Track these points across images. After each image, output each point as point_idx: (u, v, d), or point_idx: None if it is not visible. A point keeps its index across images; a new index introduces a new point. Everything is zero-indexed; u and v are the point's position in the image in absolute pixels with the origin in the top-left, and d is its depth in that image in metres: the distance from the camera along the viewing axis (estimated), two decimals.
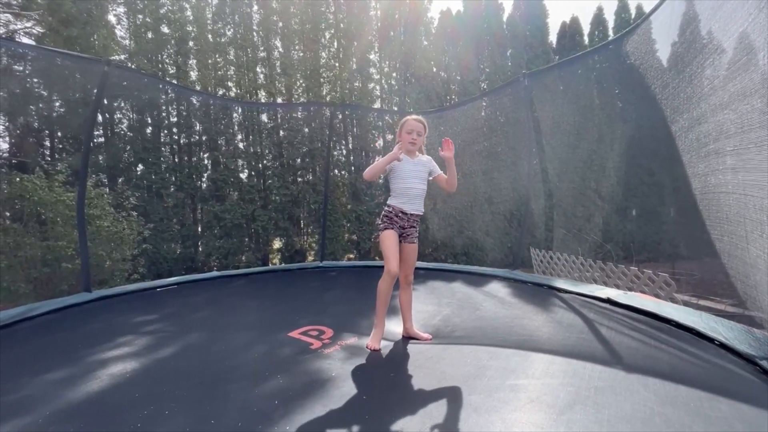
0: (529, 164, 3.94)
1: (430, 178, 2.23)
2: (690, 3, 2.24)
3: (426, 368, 1.73)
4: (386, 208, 2.16)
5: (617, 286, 4.54)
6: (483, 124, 9.48)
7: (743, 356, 1.65)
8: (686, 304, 3.74)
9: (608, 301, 2.55)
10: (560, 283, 3.07)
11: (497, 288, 3.23)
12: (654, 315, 2.22)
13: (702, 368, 1.60)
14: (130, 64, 8.16)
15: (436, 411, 1.35)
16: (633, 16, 12.43)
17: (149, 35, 8.48)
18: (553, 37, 12.31)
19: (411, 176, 2.14)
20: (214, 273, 4.21)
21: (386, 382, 1.63)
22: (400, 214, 2.14)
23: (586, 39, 12.29)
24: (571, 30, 12.15)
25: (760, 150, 1.11)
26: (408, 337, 2.16)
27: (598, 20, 12.38)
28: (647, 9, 2.63)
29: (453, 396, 1.46)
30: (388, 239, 2.08)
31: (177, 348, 2.07)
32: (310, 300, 3.12)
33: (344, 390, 1.52)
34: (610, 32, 12.31)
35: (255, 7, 9.62)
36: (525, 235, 4.98)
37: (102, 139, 8.12)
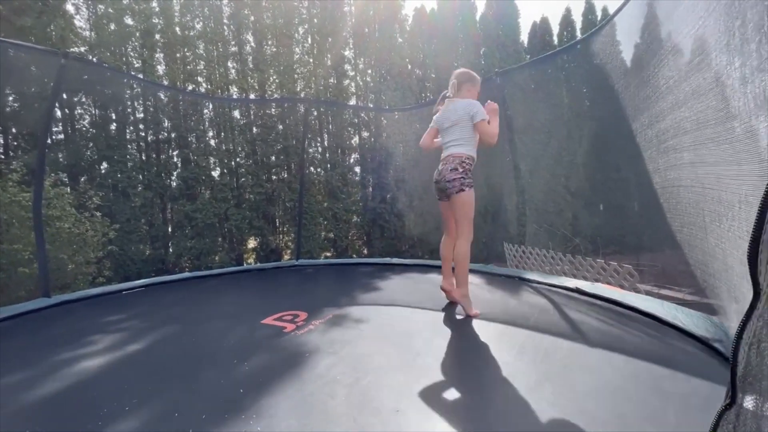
0: (502, 161, 4.04)
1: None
2: (651, 5, 2.34)
3: (401, 346, 1.75)
4: (469, 162, 2.06)
5: (585, 278, 4.73)
6: None
7: (700, 340, 1.76)
8: (648, 293, 3.94)
9: (576, 290, 2.65)
10: (531, 275, 3.17)
11: (472, 279, 3.30)
12: (618, 303, 2.33)
13: (662, 350, 1.69)
14: (91, 57, 7.75)
15: (410, 388, 1.38)
16: (599, 17, 12.89)
17: (112, 27, 8.07)
18: (524, 37, 12.60)
19: None
20: (186, 274, 4.08)
21: (362, 360, 1.64)
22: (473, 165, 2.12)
23: (555, 39, 12.65)
24: (541, 30, 12.47)
25: (717, 145, 1.18)
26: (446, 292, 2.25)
27: (567, 21, 12.76)
28: (613, 11, 2.73)
29: (428, 373, 1.49)
30: (473, 199, 2.03)
31: (142, 345, 2.00)
32: (285, 293, 3.10)
33: (318, 371, 1.52)
34: (578, 33, 12.72)
35: (225, 0, 9.34)
36: (498, 230, 5.09)
37: (62, 136, 7.68)
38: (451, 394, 1.34)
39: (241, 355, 1.71)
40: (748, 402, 0.52)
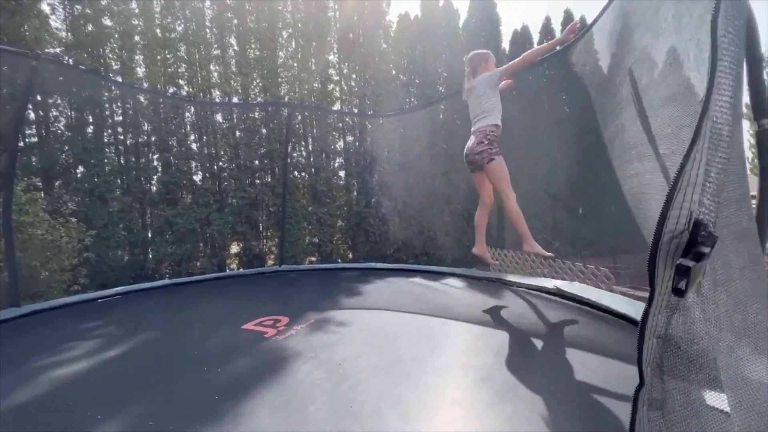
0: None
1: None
2: (626, 17, 2.44)
3: (381, 350, 1.76)
4: (493, 131, 2.16)
5: (564, 280, 4.83)
6: (441, 126, 9.74)
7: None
8: (624, 294, 4.05)
9: (556, 290, 2.72)
10: (512, 278, 3.23)
11: (454, 283, 3.34)
12: (594, 304, 2.40)
13: (632, 349, 1.75)
14: (67, 58, 7.54)
15: (390, 391, 1.39)
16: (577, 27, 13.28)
17: (89, 27, 7.88)
18: (506, 44, 12.88)
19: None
20: (165, 281, 3.99)
21: (342, 364, 1.64)
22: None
23: (535, 46, 12.97)
24: (522, 38, 12.77)
25: (673, 156, 1.24)
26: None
27: (547, 29, 13.10)
28: (591, 20, 2.84)
29: (406, 376, 1.51)
30: (504, 164, 2.15)
31: (117, 353, 1.95)
32: (267, 299, 3.07)
33: (298, 376, 1.51)
34: None
35: (207, 3, 9.24)
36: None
37: (35, 139, 7.43)
38: (431, 397, 1.36)
39: (220, 361, 1.69)
40: (655, 380, 0.60)
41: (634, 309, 2.27)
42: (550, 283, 2.87)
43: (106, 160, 7.94)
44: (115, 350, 1.96)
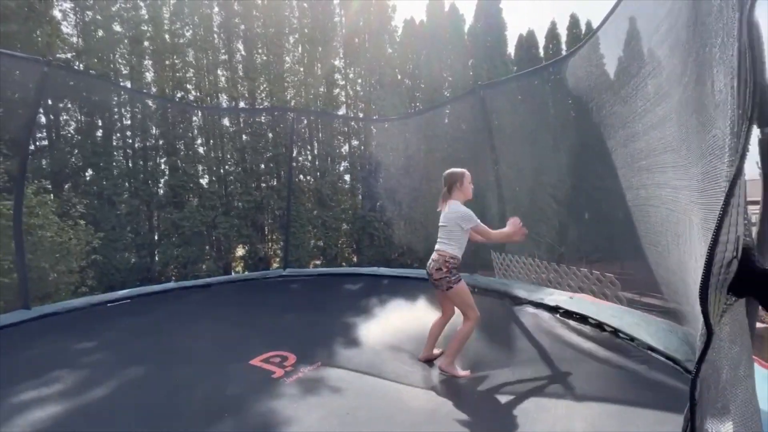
0: (486, 170, 4.12)
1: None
2: (633, 21, 2.43)
3: (389, 397, 1.72)
4: (453, 261, 2.20)
5: (569, 286, 4.80)
6: (446, 131, 9.74)
7: (669, 358, 1.80)
8: (631, 300, 4.02)
9: (556, 309, 2.68)
10: (515, 289, 3.20)
11: None
12: (595, 323, 2.37)
13: (631, 375, 1.71)
14: (78, 63, 7.67)
15: None
16: (584, 31, 13.24)
17: (100, 33, 8.02)
18: (511, 49, 12.87)
19: None
20: (171, 284, 4.03)
21: (351, 414, 1.61)
22: (459, 262, 2.25)
23: (541, 51, 12.94)
24: (527, 43, 12.76)
25: (675, 171, 1.24)
26: (427, 361, 2.26)
27: (552, 34, 13.08)
28: (596, 25, 2.82)
29: (414, 425, 1.47)
30: (466, 287, 2.21)
31: (120, 381, 1.90)
32: (273, 323, 2.94)
33: (307, 423, 1.49)
34: (563, 46, 13.04)
35: (216, 8, 9.36)
36: None
37: (46, 143, 7.56)
38: None
39: (227, 403, 1.67)
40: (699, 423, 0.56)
41: (633, 322, 2.25)
42: (551, 300, 2.85)
43: (114, 164, 8.05)
44: (116, 378, 1.88)
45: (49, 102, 7.41)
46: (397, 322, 2.96)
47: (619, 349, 2.06)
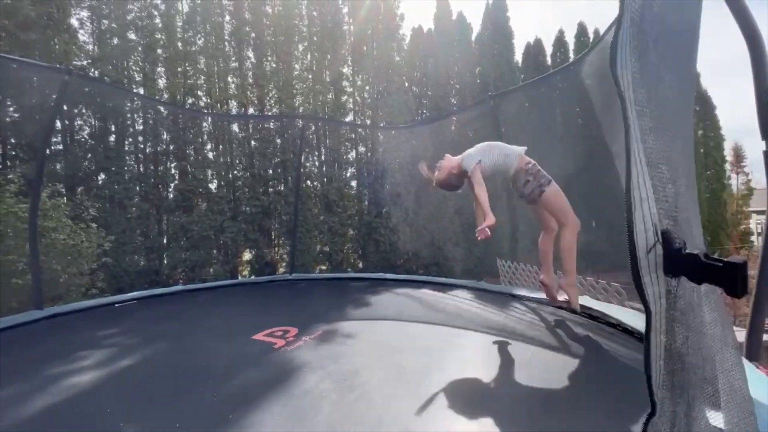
0: (495, 177, 4.13)
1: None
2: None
3: (388, 362, 1.78)
4: (528, 166, 2.07)
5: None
6: (453, 139, 9.77)
7: None
8: (637, 311, 3.97)
9: (565, 306, 2.69)
10: (521, 292, 3.21)
11: (462, 296, 3.34)
12: (603, 318, 2.37)
13: (632, 373, 1.72)
14: (93, 70, 7.88)
15: (395, 403, 1.40)
16: (591, 39, 13.27)
17: (115, 41, 8.24)
18: (518, 57, 12.93)
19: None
20: (179, 287, 4.09)
21: (349, 376, 1.66)
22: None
23: (549, 59, 12.98)
24: (534, 50, 12.82)
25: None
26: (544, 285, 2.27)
27: (560, 42, 13.14)
28: (603, 33, 2.84)
29: (414, 389, 1.52)
30: (560, 191, 2.04)
31: (132, 362, 2.00)
32: (277, 309, 3.10)
33: (306, 386, 1.54)
34: (571, 54, 13.06)
35: (227, 17, 9.58)
36: (492, 245, 5.15)
37: (60, 147, 7.75)
38: (434, 408, 1.37)
39: (230, 372, 1.73)
40: (666, 403, 0.60)
41: (642, 322, 2.25)
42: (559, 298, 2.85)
43: (126, 168, 8.21)
44: (130, 359, 2.01)
45: (65, 107, 7.61)
46: (402, 304, 3.00)
47: (620, 346, 2.07)
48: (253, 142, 9.46)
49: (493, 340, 2.14)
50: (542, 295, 3.20)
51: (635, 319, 2.32)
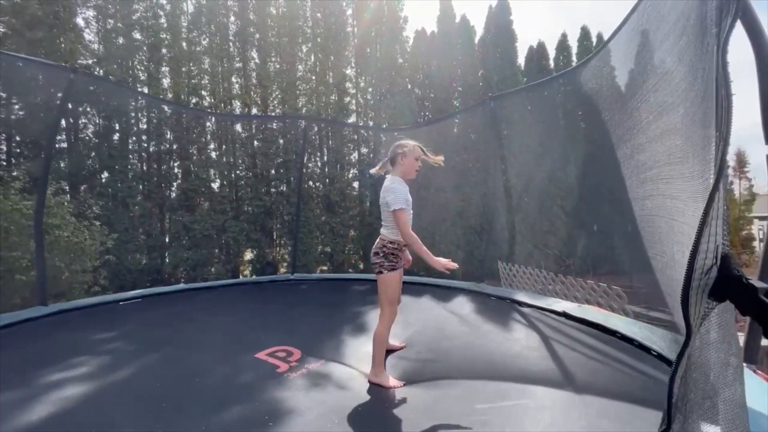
0: (495, 180, 4.15)
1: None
2: (645, 33, 2.45)
3: (388, 397, 1.74)
4: (390, 245, 1.92)
5: (575, 298, 4.78)
6: (455, 141, 9.80)
7: (667, 360, 1.81)
8: (638, 314, 3.99)
9: (563, 314, 2.70)
10: (521, 296, 3.22)
11: (463, 301, 3.35)
12: (602, 327, 2.38)
13: (638, 380, 1.73)
14: (98, 69, 7.93)
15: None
16: (594, 43, 13.28)
17: (120, 41, 8.29)
18: (521, 60, 12.94)
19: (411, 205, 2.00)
20: (180, 285, 4.11)
21: (352, 413, 1.63)
22: (401, 248, 1.97)
23: (552, 63, 12.99)
24: (537, 54, 12.83)
25: (684, 180, 1.27)
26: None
27: (563, 46, 13.14)
28: (607, 37, 2.84)
29: (414, 425, 1.50)
30: (396, 281, 1.91)
31: (133, 371, 1.98)
32: (280, 319, 3.03)
33: (307, 419, 1.51)
34: (574, 57, 13.08)
35: (232, 18, 9.62)
36: (490, 249, 5.17)
37: (65, 145, 7.79)
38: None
39: (231, 394, 1.71)
40: (677, 417, 0.59)
41: (639, 331, 2.26)
42: (558, 306, 2.86)
43: (129, 167, 8.25)
44: (130, 367, 1.97)
45: (69, 106, 7.66)
46: (404, 323, 2.97)
47: (619, 349, 2.08)
48: (256, 143, 9.50)
49: (494, 343, 2.15)
50: (543, 300, 3.21)
51: (633, 327, 2.33)
